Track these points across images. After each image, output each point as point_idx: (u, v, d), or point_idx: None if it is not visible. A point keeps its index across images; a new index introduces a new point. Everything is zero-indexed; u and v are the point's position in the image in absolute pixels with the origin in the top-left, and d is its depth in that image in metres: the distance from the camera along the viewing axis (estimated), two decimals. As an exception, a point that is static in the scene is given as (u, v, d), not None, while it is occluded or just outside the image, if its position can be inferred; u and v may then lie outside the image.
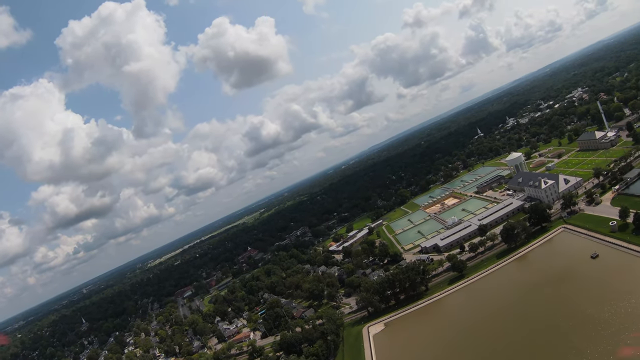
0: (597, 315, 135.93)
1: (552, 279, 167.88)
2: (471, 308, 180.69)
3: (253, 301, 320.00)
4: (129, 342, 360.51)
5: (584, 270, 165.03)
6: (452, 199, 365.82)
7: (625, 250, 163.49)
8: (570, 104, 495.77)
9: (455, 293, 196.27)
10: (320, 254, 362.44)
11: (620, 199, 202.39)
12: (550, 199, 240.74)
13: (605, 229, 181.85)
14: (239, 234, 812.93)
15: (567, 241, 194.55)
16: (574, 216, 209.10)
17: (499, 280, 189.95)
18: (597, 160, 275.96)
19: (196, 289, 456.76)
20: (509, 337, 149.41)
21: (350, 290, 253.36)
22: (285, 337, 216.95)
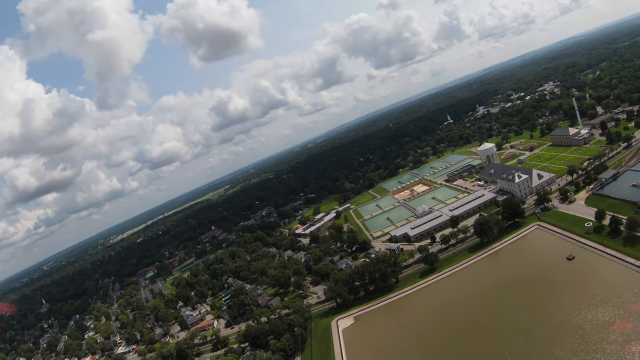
0: (572, 322, 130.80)
1: (527, 279, 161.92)
2: (442, 305, 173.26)
3: (217, 286, 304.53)
4: (89, 326, 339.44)
5: (560, 272, 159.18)
6: (421, 185, 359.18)
7: (602, 254, 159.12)
8: (542, 97, 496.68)
9: (426, 288, 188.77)
10: (286, 237, 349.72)
11: (595, 199, 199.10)
12: (523, 193, 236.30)
13: (580, 230, 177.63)
14: (203, 211, 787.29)
15: (542, 240, 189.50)
16: (548, 213, 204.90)
17: (471, 276, 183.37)
18: (570, 157, 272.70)
19: (158, 270, 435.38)
20: (480, 338, 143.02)
21: (317, 279, 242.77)
22: (250, 329, 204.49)
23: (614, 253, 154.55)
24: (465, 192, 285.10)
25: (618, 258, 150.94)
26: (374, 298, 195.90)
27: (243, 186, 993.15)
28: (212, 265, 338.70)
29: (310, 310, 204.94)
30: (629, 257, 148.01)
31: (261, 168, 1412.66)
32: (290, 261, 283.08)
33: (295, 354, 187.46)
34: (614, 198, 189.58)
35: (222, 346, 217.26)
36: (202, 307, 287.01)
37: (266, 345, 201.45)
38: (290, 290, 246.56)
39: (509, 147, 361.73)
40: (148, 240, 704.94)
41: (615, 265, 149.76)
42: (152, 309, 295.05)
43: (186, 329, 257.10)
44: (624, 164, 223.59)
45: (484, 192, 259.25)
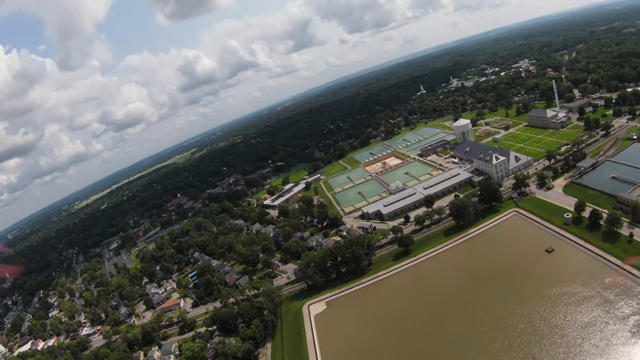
0: (552, 320, 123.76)
1: (506, 270, 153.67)
2: (416, 292, 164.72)
3: (183, 261, 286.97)
4: (53, 303, 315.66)
5: (540, 265, 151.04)
6: (393, 158, 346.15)
7: (582, 248, 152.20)
8: (517, 75, 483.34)
9: (400, 273, 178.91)
10: (254, 209, 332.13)
11: (573, 188, 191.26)
12: (500, 175, 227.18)
13: (559, 221, 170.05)
14: (169, 176, 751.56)
15: (520, 228, 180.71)
16: (525, 199, 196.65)
17: (447, 263, 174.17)
18: (547, 140, 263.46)
19: (123, 241, 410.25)
20: (455, 327, 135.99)
21: (287, 257, 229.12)
22: (218, 313, 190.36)
23: (594, 249, 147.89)
24: (440, 169, 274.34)
25: (599, 255, 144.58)
26: (347, 281, 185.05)
27: (210, 150, 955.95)
28: (178, 238, 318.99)
29: (280, 293, 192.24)
30: (609, 255, 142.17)
31: (229, 131, 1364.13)
32: (258, 236, 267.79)
33: (266, 340, 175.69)
34: (593, 189, 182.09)
35: (189, 329, 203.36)
36: (167, 283, 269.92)
37: (235, 330, 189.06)
38: (259, 268, 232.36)
39: (484, 124, 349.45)
40: (113, 207, 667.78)
41: (596, 262, 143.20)
42: (116, 287, 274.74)
43: (152, 308, 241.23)
44: (602, 153, 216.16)
45: (459, 171, 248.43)
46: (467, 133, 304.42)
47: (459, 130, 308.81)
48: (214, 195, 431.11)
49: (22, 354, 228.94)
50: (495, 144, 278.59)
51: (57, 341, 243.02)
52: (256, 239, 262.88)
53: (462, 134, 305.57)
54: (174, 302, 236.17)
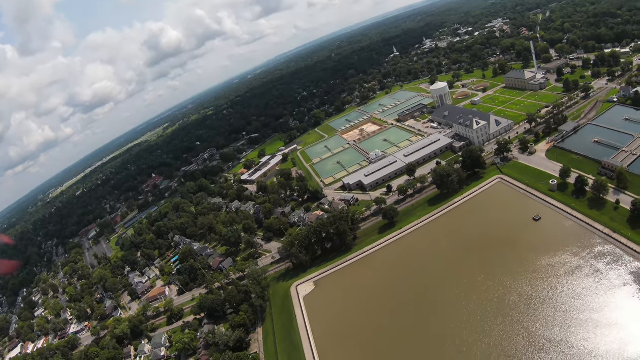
0: (543, 294, 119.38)
1: (494, 240, 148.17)
2: (404, 266, 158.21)
3: (163, 246, 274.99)
4: (38, 301, 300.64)
5: (528, 234, 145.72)
6: (371, 125, 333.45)
7: (569, 216, 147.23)
8: (492, 35, 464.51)
9: (386, 247, 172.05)
10: (232, 186, 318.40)
11: (556, 152, 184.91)
12: (481, 140, 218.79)
13: (544, 187, 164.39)
14: (142, 155, 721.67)
15: (505, 195, 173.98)
16: (508, 164, 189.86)
17: (433, 234, 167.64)
18: (526, 102, 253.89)
19: (101, 228, 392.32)
20: (445, 303, 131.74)
21: (270, 235, 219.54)
22: (205, 301, 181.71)
23: (581, 217, 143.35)
24: (419, 134, 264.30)
25: (586, 223, 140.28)
26: (333, 259, 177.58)
27: (182, 124, 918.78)
28: (157, 222, 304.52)
29: (266, 276, 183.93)
30: (597, 224, 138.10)
31: (200, 103, 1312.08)
32: (238, 214, 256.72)
33: (256, 325, 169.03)
34: (577, 154, 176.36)
35: (177, 319, 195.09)
36: (150, 271, 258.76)
37: (224, 316, 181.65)
38: (242, 249, 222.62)
39: (461, 86, 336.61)
40: (88, 192, 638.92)
41: (584, 230, 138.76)
42: (99, 280, 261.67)
43: (137, 299, 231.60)
44: (583, 116, 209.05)
45: (439, 137, 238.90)
46: (444, 96, 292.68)
47: (436, 94, 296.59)
48: (190, 173, 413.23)
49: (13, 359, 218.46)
50: (474, 107, 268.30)
51: (46, 342, 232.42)
52: (236, 217, 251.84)
53: (439, 97, 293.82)
54: (159, 291, 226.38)
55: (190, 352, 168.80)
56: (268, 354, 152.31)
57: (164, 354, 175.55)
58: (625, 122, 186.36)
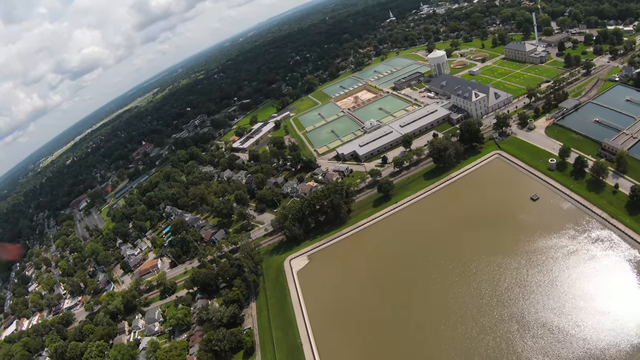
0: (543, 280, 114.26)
1: (490, 219, 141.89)
2: (399, 242, 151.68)
3: (155, 217, 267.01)
4: (31, 276, 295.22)
5: (525, 214, 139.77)
6: (366, 92, 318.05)
7: (567, 197, 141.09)
8: (491, 3, 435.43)
9: (381, 222, 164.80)
10: (223, 154, 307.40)
11: (556, 129, 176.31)
12: (479, 112, 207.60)
13: (542, 166, 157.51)
14: (132, 122, 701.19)
15: (503, 173, 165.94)
16: (507, 139, 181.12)
17: (429, 210, 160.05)
18: (525, 75, 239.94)
19: (92, 199, 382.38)
20: (440, 281, 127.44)
21: (262, 206, 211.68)
22: (198, 275, 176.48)
23: (579, 199, 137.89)
24: (415, 104, 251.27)
25: (585, 206, 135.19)
26: (327, 232, 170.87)
27: (172, 89, 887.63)
28: (148, 193, 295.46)
29: (259, 249, 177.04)
30: (595, 207, 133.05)
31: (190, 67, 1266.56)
32: (230, 184, 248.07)
33: (250, 300, 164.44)
34: (577, 133, 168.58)
35: (170, 293, 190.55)
36: (142, 242, 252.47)
37: (217, 290, 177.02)
38: (234, 220, 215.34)
39: (459, 55, 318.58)
40: (78, 161, 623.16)
41: (582, 213, 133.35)
42: (91, 253, 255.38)
43: (130, 272, 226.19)
44: (584, 94, 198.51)
45: (436, 108, 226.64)
46: (442, 65, 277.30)
47: (434, 63, 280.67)
48: (180, 141, 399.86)
49: (8, 337, 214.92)
50: (472, 78, 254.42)
51: (40, 318, 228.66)
52: (228, 187, 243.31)
53: (437, 66, 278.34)
54: (151, 264, 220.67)
55: (184, 327, 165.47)
56: (262, 329, 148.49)
57: (158, 329, 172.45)
58: (627, 103, 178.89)
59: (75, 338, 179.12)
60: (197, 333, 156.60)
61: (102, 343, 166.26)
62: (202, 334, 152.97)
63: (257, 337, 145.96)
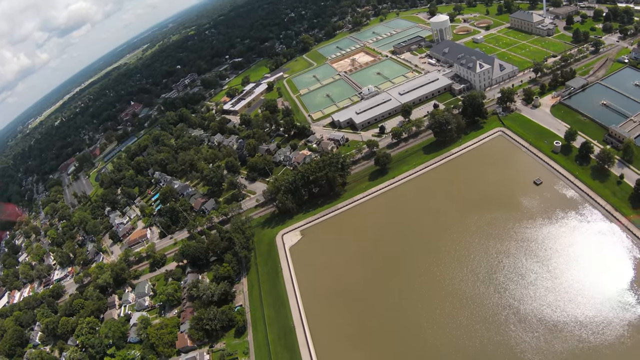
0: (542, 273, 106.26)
1: (491, 201, 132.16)
2: (396, 219, 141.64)
3: (143, 183, 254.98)
4: (21, 245, 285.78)
5: (527, 200, 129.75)
6: (363, 55, 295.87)
7: (571, 185, 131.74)
8: None
9: (377, 198, 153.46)
10: (213, 116, 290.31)
11: (562, 109, 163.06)
12: (483, 84, 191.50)
13: (547, 147, 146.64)
14: (121, 80, 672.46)
15: (506, 152, 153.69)
16: (510, 115, 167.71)
17: (428, 188, 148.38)
18: (532, 48, 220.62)
19: (80, 162, 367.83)
20: (436, 262, 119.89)
21: (254, 175, 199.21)
22: (188, 249, 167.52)
23: (584, 187, 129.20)
24: (415, 70, 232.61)
25: (589, 195, 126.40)
26: (321, 205, 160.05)
27: (162, 45, 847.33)
28: (136, 157, 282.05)
29: (250, 223, 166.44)
30: (599, 197, 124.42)
31: (181, 22, 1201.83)
32: (221, 150, 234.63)
33: (241, 275, 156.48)
34: (583, 114, 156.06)
35: (159, 266, 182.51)
36: (131, 210, 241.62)
37: (207, 264, 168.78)
38: (225, 188, 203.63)
39: (462, 20, 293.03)
40: (67, 121, 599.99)
41: (585, 203, 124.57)
42: (79, 222, 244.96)
43: (119, 242, 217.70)
44: (592, 73, 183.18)
45: (437, 76, 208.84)
46: (444, 31, 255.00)
47: (436, 27, 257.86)
48: (170, 101, 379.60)
49: (0, 311, 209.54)
50: (476, 46, 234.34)
51: (31, 289, 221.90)
52: (219, 154, 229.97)
53: (439, 31, 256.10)
54: (141, 234, 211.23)
55: (174, 303, 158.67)
56: (254, 307, 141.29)
57: (149, 304, 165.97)
58: (636, 88, 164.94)
59: (65, 313, 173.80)
60: (187, 309, 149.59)
61: (92, 320, 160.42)
62: (192, 310, 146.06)
63: (248, 315, 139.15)
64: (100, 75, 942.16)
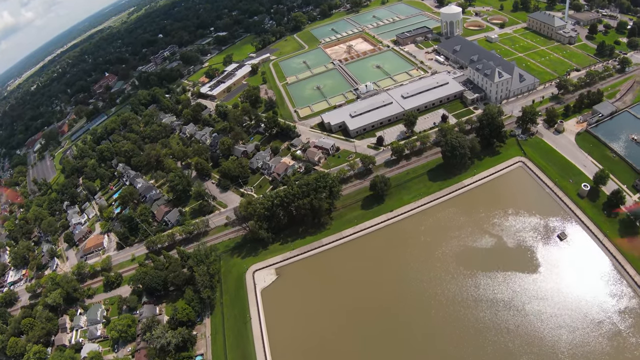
0: None
1: (508, 260, 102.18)
2: (392, 266, 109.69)
3: (106, 176, 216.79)
4: None
5: (549, 262, 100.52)
6: (361, 41, 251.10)
7: (597, 242, 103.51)
8: None
9: (371, 235, 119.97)
10: (188, 101, 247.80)
11: (588, 139, 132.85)
12: (500, 95, 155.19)
13: (572, 189, 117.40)
14: (101, 46, 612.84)
15: (527, 191, 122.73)
16: (531, 140, 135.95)
17: (431, 230, 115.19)
18: (552, 56, 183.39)
19: (46, 140, 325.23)
20: (434, 331, 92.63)
21: (227, 183, 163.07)
22: (144, 277, 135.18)
23: (612, 249, 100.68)
24: (421, 68, 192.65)
25: (616, 259, 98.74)
26: (302, 237, 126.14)
27: (149, 9, 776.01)
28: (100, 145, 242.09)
29: (217, 252, 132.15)
30: (628, 265, 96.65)
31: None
32: (192, 145, 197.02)
33: (204, 315, 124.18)
34: (612, 150, 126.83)
35: (115, 286, 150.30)
36: (90, 207, 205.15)
37: (166, 294, 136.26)
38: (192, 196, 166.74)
39: (474, 13, 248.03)
40: (42, 87, 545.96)
41: (613, 269, 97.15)
42: (35, 219, 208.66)
43: (74, 246, 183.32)
44: (619, 97, 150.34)
45: (447, 78, 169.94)
46: (455, 23, 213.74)
47: (446, 19, 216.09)
48: (145, 76, 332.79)
49: None
50: (491, 47, 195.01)
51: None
52: (188, 151, 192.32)
53: (449, 23, 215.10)
54: (97, 242, 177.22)
55: (129, 339, 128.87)
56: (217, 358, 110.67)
57: (101, 333, 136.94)
58: None
59: (14, 331, 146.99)
60: (142, 351, 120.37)
61: (40, 348, 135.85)
62: (146, 353, 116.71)
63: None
64: (82, 38, 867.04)
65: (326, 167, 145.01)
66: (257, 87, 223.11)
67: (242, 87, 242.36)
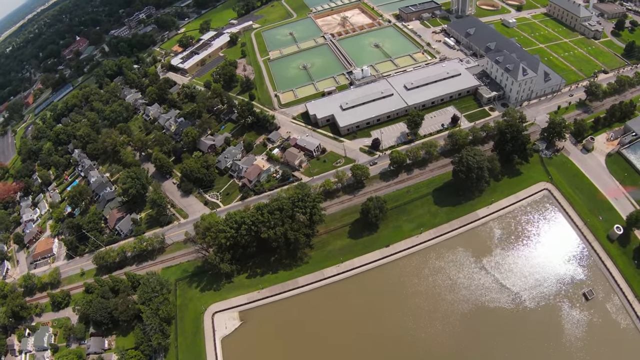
0: None
1: (526, 319, 77.34)
2: (383, 322, 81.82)
3: (61, 164, 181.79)
4: None
5: (569, 324, 76.04)
6: (358, 12, 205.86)
7: (628, 306, 77.42)
8: None
9: (359, 276, 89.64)
10: (156, 75, 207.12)
11: (619, 163, 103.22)
12: (521, 96, 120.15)
13: (602, 229, 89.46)
14: (80, 4, 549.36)
15: (551, 228, 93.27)
16: (557, 159, 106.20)
17: (436, 278, 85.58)
18: (576, 52, 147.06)
19: (10, 113, 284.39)
20: None
21: (189, 186, 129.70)
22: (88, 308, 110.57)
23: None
24: (427, 51, 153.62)
25: None
26: (275, 271, 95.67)
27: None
28: (58, 125, 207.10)
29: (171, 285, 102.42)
30: None
31: None
32: (154, 131, 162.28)
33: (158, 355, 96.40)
34: None
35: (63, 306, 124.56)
36: (43, 200, 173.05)
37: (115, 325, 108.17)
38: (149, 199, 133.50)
39: None
40: (17, 49, 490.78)
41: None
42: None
43: (25, 248, 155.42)
44: None
45: (459, 69, 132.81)
46: (467, 1, 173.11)
47: None
48: (115, 42, 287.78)
49: None
50: (511, 36, 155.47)
51: None
52: (149, 141, 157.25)
53: (460, 0, 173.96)
54: (47, 246, 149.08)
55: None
56: None
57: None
58: None
59: None
60: None
61: None
62: None
63: None
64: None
65: (308, 173, 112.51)
66: (234, 62, 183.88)
67: (218, 60, 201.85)
